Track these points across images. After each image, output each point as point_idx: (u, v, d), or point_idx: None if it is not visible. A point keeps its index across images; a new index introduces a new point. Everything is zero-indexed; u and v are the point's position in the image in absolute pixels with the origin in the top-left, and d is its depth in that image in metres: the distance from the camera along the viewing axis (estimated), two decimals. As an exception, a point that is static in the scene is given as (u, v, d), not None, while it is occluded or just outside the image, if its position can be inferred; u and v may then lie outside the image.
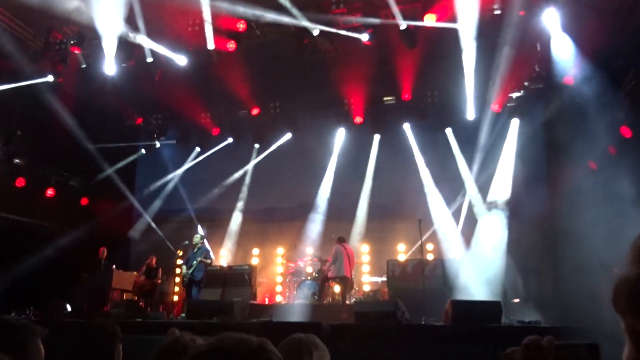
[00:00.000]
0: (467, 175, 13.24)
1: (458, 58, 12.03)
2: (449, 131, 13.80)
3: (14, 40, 12.49)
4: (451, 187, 13.30)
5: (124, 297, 12.65)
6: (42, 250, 13.45)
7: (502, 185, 12.80)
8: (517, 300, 10.15)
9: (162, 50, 12.37)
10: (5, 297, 11.88)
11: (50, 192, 14.56)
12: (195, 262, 11.65)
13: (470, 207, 13.08)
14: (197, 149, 15.97)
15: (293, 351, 2.20)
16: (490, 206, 12.74)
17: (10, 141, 13.12)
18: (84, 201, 15.31)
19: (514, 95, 12.92)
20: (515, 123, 13.18)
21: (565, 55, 10.54)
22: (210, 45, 11.92)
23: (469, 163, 13.25)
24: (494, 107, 12.92)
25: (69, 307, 10.90)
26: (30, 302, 11.85)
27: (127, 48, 12.44)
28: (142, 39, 12.07)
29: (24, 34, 12.71)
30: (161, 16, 11.78)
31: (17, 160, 13.17)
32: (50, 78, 12.81)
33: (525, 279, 11.02)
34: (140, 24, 11.86)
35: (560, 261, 10.96)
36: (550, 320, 8.69)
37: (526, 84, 12.68)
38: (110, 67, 12.61)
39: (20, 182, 13.72)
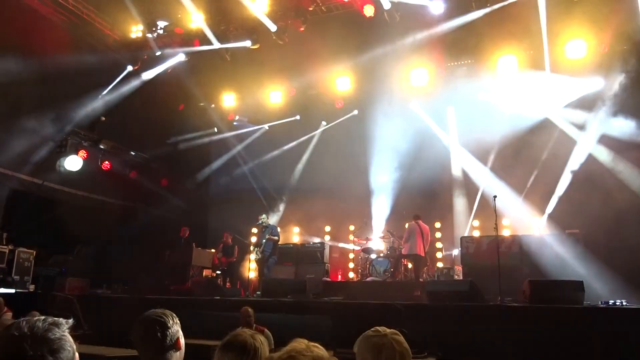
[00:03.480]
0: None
1: (532, 16, 11.35)
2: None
3: (93, 30, 13.24)
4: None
5: (203, 274, 13.23)
6: (127, 229, 14.35)
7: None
8: None
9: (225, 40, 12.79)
10: (96, 273, 12.84)
11: (133, 174, 15.42)
12: (264, 240, 11.98)
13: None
14: (266, 127, 16.22)
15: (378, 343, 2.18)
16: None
17: (95, 127, 13.95)
18: (164, 182, 16.05)
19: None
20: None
21: None
22: (272, 27, 12.05)
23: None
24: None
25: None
26: (119, 278, 12.73)
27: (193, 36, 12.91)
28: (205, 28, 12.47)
29: (103, 23, 13.38)
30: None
31: (102, 146, 13.97)
32: (129, 68, 13.47)
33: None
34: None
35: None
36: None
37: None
38: (181, 54, 13.12)
39: (106, 165, 14.62)
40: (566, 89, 12.36)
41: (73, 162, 13.41)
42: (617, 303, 7.02)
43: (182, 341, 2.51)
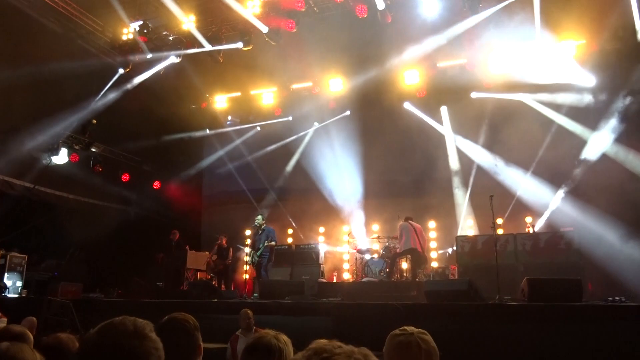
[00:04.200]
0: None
1: (525, 18, 11.47)
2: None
3: (85, 32, 13.13)
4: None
5: (198, 276, 13.16)
6: (120, 232, 14.22)
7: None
8: None
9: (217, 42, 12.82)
10: (89, 277, 12.71)
11: (125, 176, 15.30)
12: (261, 245, 11.93)
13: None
14: (258, 128, 16.15)
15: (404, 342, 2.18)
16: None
17: (86, 130, 13.81)
18: (157, 185, 15.95)
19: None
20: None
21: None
22: (263, 29, 12.03)
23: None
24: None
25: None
26: (112, 282, 12.62)
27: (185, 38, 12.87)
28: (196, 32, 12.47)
29: (94, 26, 13.26)
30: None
31: (94, 150, 13.85)
32: (121, 71, 13.38)
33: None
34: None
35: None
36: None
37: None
38: (172, 57, 13.10)
39: (97, 168, 14.49)
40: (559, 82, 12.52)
41: (59, 157, 13.19)
42: (617, 299, 7.09)
43: (202, 347, 2.47)
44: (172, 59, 13.38)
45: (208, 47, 12.92)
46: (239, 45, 12.88)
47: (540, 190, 12.31)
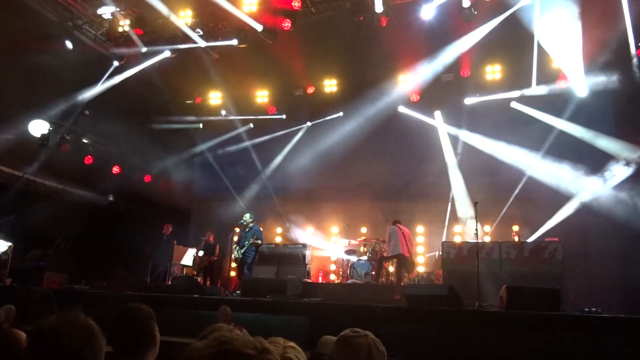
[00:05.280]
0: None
1: (521, 30, 11.52)
2: (514, 104, 13.16)
3: (81, 23, 13.11)
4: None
5: (184, 272, 13.14)
6: (108, 224, 14.18)
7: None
8: None
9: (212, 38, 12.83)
10: (75, 268, 12.67)
11: (115, 169, 15.26)
12: (247, 243, 11.93)
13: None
14: (250, 125, 16.12)
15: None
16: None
17: (78, 121, 13.78)
18: (147, 178, 15.90)
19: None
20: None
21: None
22: (258, 27, 12.02)
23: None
24: (560, 82, 12.34)
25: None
26: (98, 274, 12.59)
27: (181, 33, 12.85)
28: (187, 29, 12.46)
29: (90, 17, 13.24)
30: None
31: (85, 141, 13.81)
32: (115, 63, 13.35)
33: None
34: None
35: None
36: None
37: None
38: (167, 52, 13.10)
39: (88, 159, 14.46)
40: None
41: (37, 127, 13.02)
42: (593, 310, 7.13)
43: (158, 337, 2.47)
44: (167, 53, 13.35)
45: (202, 43, 12.90)
46: (234, 42, 12.86)
47: (537, 198, 12.30)
